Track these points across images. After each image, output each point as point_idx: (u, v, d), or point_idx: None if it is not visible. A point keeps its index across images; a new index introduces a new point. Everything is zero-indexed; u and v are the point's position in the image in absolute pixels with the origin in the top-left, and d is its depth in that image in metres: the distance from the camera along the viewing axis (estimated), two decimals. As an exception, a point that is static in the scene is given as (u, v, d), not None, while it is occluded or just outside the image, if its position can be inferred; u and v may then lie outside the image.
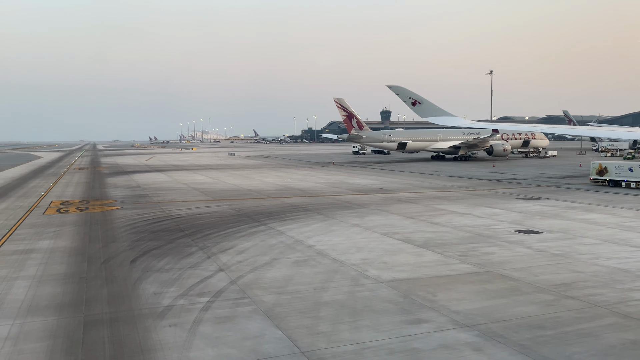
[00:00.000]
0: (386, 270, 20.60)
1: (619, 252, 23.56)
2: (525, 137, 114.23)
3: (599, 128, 66.82)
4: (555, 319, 15.03)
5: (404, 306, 16.21)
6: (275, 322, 14.79)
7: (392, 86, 73.31)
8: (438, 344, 13.29)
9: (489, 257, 22.64)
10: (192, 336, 13.86)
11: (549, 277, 19.53)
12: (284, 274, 20.03)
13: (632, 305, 16.22)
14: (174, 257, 22.88)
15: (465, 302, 16.61)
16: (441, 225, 30.85)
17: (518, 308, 16.04)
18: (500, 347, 13.07)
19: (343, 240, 26.35)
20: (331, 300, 16.82)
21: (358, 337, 13.69)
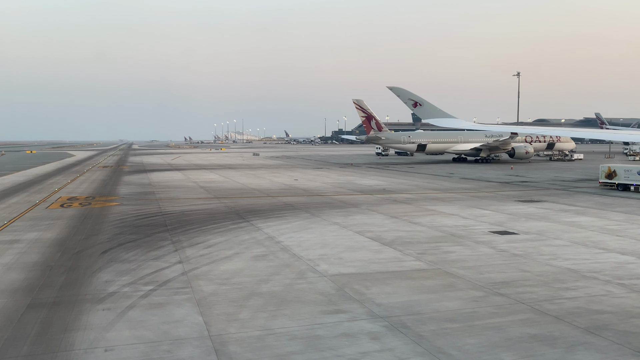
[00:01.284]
0: (337, 265, 21.32)
1: (582, 254, 23.68)
2: (550, 139, 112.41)
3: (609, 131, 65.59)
4: (470, 314, 15.53)
5: (332, 298, 16.93)
6: (201, 310, 15.73)
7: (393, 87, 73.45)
8: (341, 332, 14.00)
9: (445, 256, 23.10)
10: (118, 319, 14.92)
11: (493, 275, 19.92)
12: (237, 267, 20.97)
13: (556, 303, 16.57)
14: (143, 250, 24.09)
15: (393, 296, 17.23)
16: (420, 225, 31.29)
17: (442, 303, 16.57)
18: (399, 337, 13.69)
19: (313, 237, 27.13)
20: (267, 291, 17.67)
21: (269, 325, 14.50)
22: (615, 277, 19.65)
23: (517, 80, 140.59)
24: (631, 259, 22.67)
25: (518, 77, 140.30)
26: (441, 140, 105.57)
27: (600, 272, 20.35)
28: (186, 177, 68.26)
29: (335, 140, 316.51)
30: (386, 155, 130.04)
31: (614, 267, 21.32)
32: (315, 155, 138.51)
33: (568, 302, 16.74)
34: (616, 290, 18.02)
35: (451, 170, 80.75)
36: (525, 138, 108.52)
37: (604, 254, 23.63)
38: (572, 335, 13.87)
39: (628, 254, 23.52)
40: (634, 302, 16.66)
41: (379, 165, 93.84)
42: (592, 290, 17.98)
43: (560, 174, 73.37)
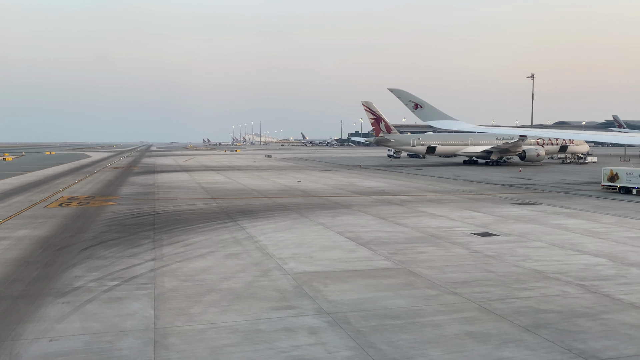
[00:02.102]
0: (305, 264, 21.74)
1: (554, 256, 23.76)
2: (563, 142, 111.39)
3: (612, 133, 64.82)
4: (416, 311, 15.84)
5: (287, 295, 17.35)
6: (156, 304, 16.28)
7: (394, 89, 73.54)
8: (283, 327, 14.42)
9: (416, 256, 23.37)
10: (74, 312, 15.54)
11: (455, 275, 20.16)
12: (206, 265, 21.51)
13: (506, 302, 16.78)
14: (123, 247, 24.78)
15: (348, 293, 17.60)
16: (405, 226, 31.54)
17: (393, 300, 16.90)
18: (337, 332, 14.07)
19: (293, 237, 27.57)
20: (226, 288, 18.16)
21: (216, 319, 14.99)
22: (578, 278, 19.75)
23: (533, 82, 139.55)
24: (602, 261, 22.69)
25: (532, 79, 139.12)
26: (451, 142, 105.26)
27: (564, 273, 20.46)
28: (192, 178, 69.21)
29: (351, 142, 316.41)
30: (398, 158, 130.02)
31: (582, 268, 21.40)
32: (327, 158, 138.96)
33: (519, 301, 16.93)
34: (573, 291, 18.15)
35: (459, 172, 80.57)
36: (537, 141, 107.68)
37: (577, 256, 23.69)
38: (508, 333, 14.11)
39: (602, 256, 23.53)
40: (585, 302, 16.80)
41: (388, 168, 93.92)
42: (548, 291, 18.13)
43: (568, 176, 72.79)
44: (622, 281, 19.52)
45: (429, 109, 67.20)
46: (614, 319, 15.34)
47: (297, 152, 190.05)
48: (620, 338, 13.85)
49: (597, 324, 14.87)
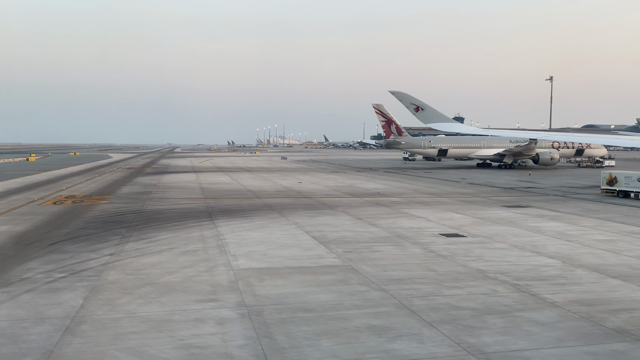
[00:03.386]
0: (255, 261, 22.39)
1: (508, 257, 23.94)
2: (579, 146, 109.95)
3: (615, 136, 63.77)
4: (333, 306, 16.34)
5: (218, 289, 18.02)
6: (89, 295, 17.11)
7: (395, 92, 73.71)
8: (195, 317, 15.09)
9: (368, 255, 23.81)
10: (8, 300, 16.46)
11: (395, 273, 20.57)
12: (159, 260, 22.32)
13: (428, 299, 17.16)
14: (89, 243, 25.80)
15: (278, 288, 18.19)
16: (377, 226, 31.95)
17: (317, 295, 17.42)
18: (244, 323, 14.67)
19: (259, 236, 28.26)
20: (164, 281, 18.92)
21: (136, 309, 15.74)
22: (516, 278, 19.97)
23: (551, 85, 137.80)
24: (553, 262, 22.82)
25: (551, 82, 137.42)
26: (463, 145, 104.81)
27: (506, 273, 20.68)
28: (197, 178, 70.52)
29: (374, 145, 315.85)
30: (413, 160, 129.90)
31: (527, 269, 21.57)
32: (342, 160, 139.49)
33: (441, 298, 17.29)
34: (502, 290, 18.42)
35: (467, 175, 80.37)
36: (552, 144, 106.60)
37: (531, 257, 23.83)
38: (409, 327, 14.53)
39: (556, 258, 23.64)
40: (506, 301, 17.08)
41: (397, 170, 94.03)
42: (477, 290, 18.43)
43: (576, 180, 72.02)
44: (559, 282, 19.68)
45: (429, 112, 67.32)
46: (524, 316, 15.60)
47: (315, 155, 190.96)
48: (518, 334, 14.14)
49: (504, 321, 15.17)
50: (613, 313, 16.01)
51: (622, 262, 22.91)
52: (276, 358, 12.41)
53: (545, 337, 14.01)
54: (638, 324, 15.07)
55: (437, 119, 67.45)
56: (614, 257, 23.91)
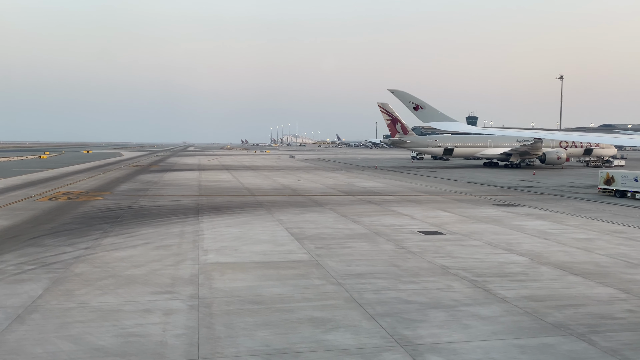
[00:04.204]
0: (224, 255, 22.85)
1: (478, 254, 24.11)
2: (588, 145, 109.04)
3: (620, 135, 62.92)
4: (283, 298, 16.73)
5: (177, 282, 18.48)
6: (50, 286, 17.66)
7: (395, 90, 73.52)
8: (144, 308, 15.57)
9: (339, 250, 24.14)
10: (-29, 291, 17.09)
11: (358, 268, 20.88)
12: (131, 254, 22.87)
13: (381, 293, 17.47)
14: (70, 237, 26.46)
15: (236, 282, 18.62)
16: (359, 223, 32.24)
17: (272, 289, 17.82)
18: (190, 314, 15.10)
19: (237, 232, 28.72)
20: (127, 274, 19.43)
21: (91, 300, 16.25)
22: (476, 275, 20.18)
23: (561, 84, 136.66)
24: (521, 260, 22.96)
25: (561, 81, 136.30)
26: (469, 144, 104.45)
27: (468, 270, 20.89)
28: (198, 176, 71.27)
29: (386, 144, 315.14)
30: (421, 159, 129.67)
31: (492, 266, 21.76)
32: (350, 159, 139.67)
33: (393, 292, 17.59)
34: (457, 285, 18.66)
35: (470, 174, 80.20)
36: (560, 143, 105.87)
37: (501, 255, 23.98)
38: (349, 319, 14.86)
39: (526, 255, 23.77)
40: (457, 296, 17.32)
41: (402, 169, 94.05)
42: (433, 285, 18.69)
43: (579, 180, 71.63)
44: (518, 278, 19.85)
45: (429, 110, 66.97)
46: (468, 311, 15.85)
47: (324, 154, 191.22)
48: (454, 327, 14.40)
49: (446, 315, 15.44)
50: (559, 309, 16.19)
51: (591, 260, 22.98)
52: (208, 347, 12.81)
53: (480, 330, 14.26)
54: (579, 319, 15.24)
55: (437, 118, 67.06)
56: (584, 255, 23.98)
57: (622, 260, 23.01)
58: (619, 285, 19.01)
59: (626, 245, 26.46)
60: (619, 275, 20.49)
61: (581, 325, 14.76)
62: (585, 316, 15.54)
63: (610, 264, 22.41)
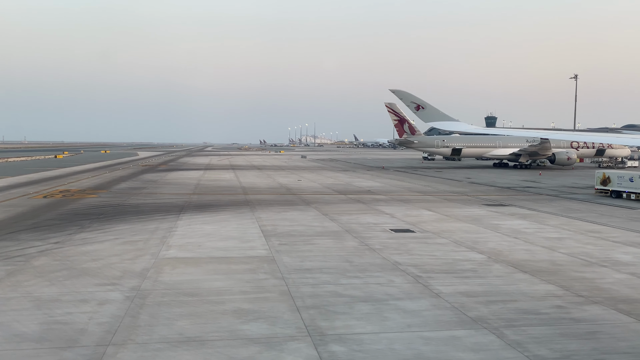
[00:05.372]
0: (184, 251, 23.49)
1: (437, 251, 24.35)
2: (600, 146, 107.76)
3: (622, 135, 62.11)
4: (220, 291, 17.26)
5: (125, 275, 19.12)
6: (3, 278, 18.48)
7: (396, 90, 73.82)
8: (82, 298, 16.24)
9: (301, 247, 24.61)
10: None
11: (310, 264, 21.33)
12: (95, 248, 23.64)
13: (316, 287, 17.90)
14: (45, 232, 27.37)
15: (183, 275, 19.22)
16: (335, 221, 32.67)
17: (214, 282, 18.37)
18: (122, 304, 15.70)
19: (210, 229, 29.34)
20: (83, 267, 20.15)
21: (36, 290, 16.96)
22: (424, 271, 20.49)
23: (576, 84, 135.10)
24: (478, 257, 23.19)
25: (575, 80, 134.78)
26: (478, 144, 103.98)
27: (418, 266, 21.19)
28: (201, 175, 72.32)
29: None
30: (432, 160, 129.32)
31: (445, 263, 22.04)
32: (361, 159, 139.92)
33: (331, 286, 18.01)
34: (399, 281, 19.02)
35: (475, 175, 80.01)
36: (571, 144, 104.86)
37: (460, 252, 24.21)
38: (274, 311, 15.34)
39: (485, 254, 23.97)
40: (392, 290, 17.68)
41: (409, 169, 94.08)
42: (375, 280, 19.07)
43: (583, 180, 71.03)
44: (464, 275, 20.11)
45: (430, 110, 67.37)
46: (396, 304, 16.21)
47: (338, 154, 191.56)
48: (372, 320, 14.79)
49: (371, 308, 15.82)
50: (488, 304, 16.46)
51: (548, 259, 23.10)
52: (124, 334, 13.40)
53: (396, 323, 14.63)
54: (502, 314, 15.50)
55: (438, 118, 67.47)
56: (545, 254, 24.10)
57: (580, 259, 23.08)
58: (563, 282, 19.15)
59: (594, 245, 26.45)
60: (569, 273, 20.60)
61: (500, 319, 15.01)
62: (509, 311, 15.78)
63: (567, 262, 22.51)
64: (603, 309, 16.19)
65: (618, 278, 19.98)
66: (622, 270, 21.15)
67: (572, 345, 13.21)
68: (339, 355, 12.36)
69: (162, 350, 12.41)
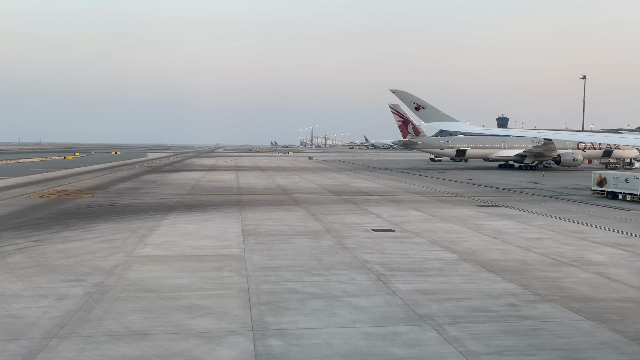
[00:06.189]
0: (159, 249, 23.90)
1: (410, 250, 24.54)
2: (607, 147, 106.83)
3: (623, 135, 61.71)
4: (181, 288, 17.60)
5: (94, 272, 19.55)
6: (-27, 273, 19.01)
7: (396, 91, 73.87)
8: (43, 293, 16.67)
9: (276, 246, 24.89)
10: None
11: (278, 262, 21.63)
12: (72, 246, 24.14)
13: (277, 284, 18.20)
14: (29, 231, 27.96)
15: (150, 273, 19.61)
16: (319, 221, 32.96)
17: (178, 279, 18.75)
18: (80, 300, 16.10)
19: (192, 228, 29.75)
20: (54, 264, 20.63)
21: (1, 285, 17.49)
22: (389, 269, 20.71)
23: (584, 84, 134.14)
24: (448, 257, 23.35)
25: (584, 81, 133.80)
26: (482, 145, 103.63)
27: (386, 265, 21.40)
28: (202, 176, 72.93)
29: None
30: (439, 161, 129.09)
31: (414, 262, 22.23)
32: (367, 160, 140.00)
33: (290, 284, 18.30)
34: (361, 279, 19.27)
35: (477, 176, 79.83)
36: (578, 144, 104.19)
37: (433, 252, 24.38)
38: (226, 307, 15.65)
39: (457, 253, 24.12)
40: (349, 288, 17.93)
41: (412, 170, 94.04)
42: (338, 277, 19.33)
43: (584, 182, 70.46)
44: (428, 273, 20.29)
45: (431, 110, 67.42)
46: (349, 301, 16.45)
47: (346, 155, 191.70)
48: (321, 316, 15.03)
49: (323, 305, 16.07)
50: (441, 301, 16.65)
51: (520, 258, 23.20)
52: (71, 327, 13.80)
53: (342, 318, 14.88)
54: (451, 311, 15.68)
55: (438, 118, 67.50)
56: (518, 254, 24.19)
57: (552, 259, 23.16)
58: (525, 281, 19.26)
59: (571, 245, 26.48)
60: (534, 272, 20.70)
61: (448, 316, 15.19)
62: (460, 309, 15.95)
63: (537, 262, 22.59)
64: (555, 307, 16.30)
65: (583, 277, 20.04)
66: (589, 270, 21.18)
67: (509, 342, 13.36)
68: (274, 350, 12.64)
69: (102, 343, 12.77)
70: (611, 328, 14.42)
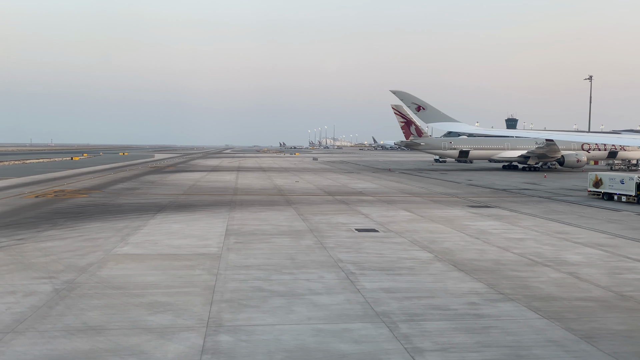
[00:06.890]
0: (138, 248, 24.26)
1: (388, 250, 24.77)
2: (612, 148, 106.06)
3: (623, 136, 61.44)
4: (149, 285, 17.96)
5: (68, 269, 19.92)
6: (-50, 270, 19.45)
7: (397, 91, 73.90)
8: (11, 290, 17.05)
9: (255, 245, 25.22)
10: None
11: (253, 260, 21.92)
12: (54, 245, 24.57)
13: (245, 283, 18.47)
14: (16, 229, 28.46)
15: (122, 270, 19.98)
16: (306, 221, 33.20)
17: (149, 277, 19.08)
18: (47, 296, 16.47)
19: (177, 227, 30.11)
20: (32, 262, 21.03)
21: (-28, 282, 17.91)
22: (360, 268, 20.94)
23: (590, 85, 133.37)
24: (423, 256, 23.53)
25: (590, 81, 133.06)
26: (485, 146, 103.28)
27: (358, 264, 21.62)
28: (202, 177, 73.41)
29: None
30: (443, 162, 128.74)
31: (387, 261, 22.44)
32: (371, 161, 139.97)
33: (258, 282, 18.59)
34: (329, 277, 19.52)
35: (478, 177, 79.64)
36: (582, 145, 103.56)
37: (410, 251, 24.60)
38: (187, 305, 15.95)
39: (433, 253, 24.29)
40: (314, 286, 18.17)
41: (414, 171, 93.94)
42: (306, 276, 19.60)
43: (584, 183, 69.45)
44: (398, 272, 20.51)
45: (431, 111, 67.45)
46: (310, 299, 16.70)
47: (352, 156, 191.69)
48: (278, 313, 15.31)
49: (283, 302, 16.38)
50: (402, 300, 16.84)
51: (496, 258, 23.31)
52: (31, 322, 14.14)
53: (299, 315, 15.13)
54: (410, 309, 15.86)
55: (439, 119, 67.53)
56: (495, 254, 24.30)
57: (528, 259, 23.25)
58: (494, 281, 19.38)
59: (552, 245, 26.53)
60: (506, 272, 20.81)
61: (404, 314, 15.38)
62: (419, 307, 16.13)
63: (512, 262, 22.69)
64: (515, 305, 16.42)
65: (552, 277, 20.13)
66: (562, 270, 21.26)
67: (457, 339, 13.52)
68: (222, 345, 12.89)
69: (56, 338, 13.09)
70: (564, 326, 14.52)
